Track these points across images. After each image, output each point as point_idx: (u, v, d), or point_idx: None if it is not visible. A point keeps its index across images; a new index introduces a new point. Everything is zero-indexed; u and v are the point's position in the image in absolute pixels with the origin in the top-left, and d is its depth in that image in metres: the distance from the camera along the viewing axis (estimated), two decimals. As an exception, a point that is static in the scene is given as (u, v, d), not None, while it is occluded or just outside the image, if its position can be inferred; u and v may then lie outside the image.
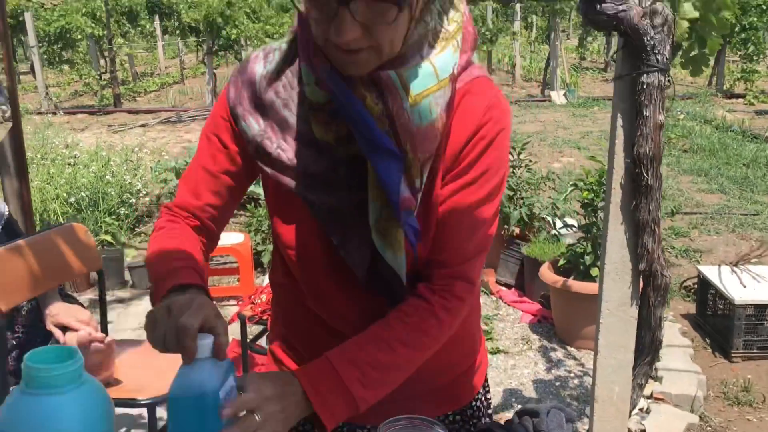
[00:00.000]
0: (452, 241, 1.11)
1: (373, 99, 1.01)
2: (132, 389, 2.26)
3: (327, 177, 1.09)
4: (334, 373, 1.02)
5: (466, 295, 1.13)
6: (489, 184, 1.11)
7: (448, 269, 1.12)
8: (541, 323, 4.22)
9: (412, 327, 1.08)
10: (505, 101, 1.13)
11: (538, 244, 4.39)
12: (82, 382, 0.94)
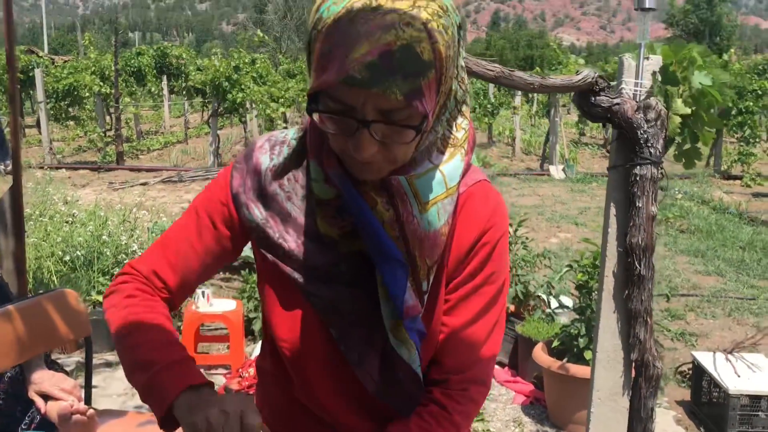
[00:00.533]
0: (463, 346, 1.13)
1: (383, 204, 1.04)
2: (111, 464, 2.21)
3: (328, 271, 1.11)
4: None
5: (481, 398, 1.16)
6: (494, 287, 1.14)
7: (462, 374, 1.14)
8: (533, 405, 4.15)
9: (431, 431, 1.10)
10: (504, 206, 1.17)
11: (533, 323, 4.36)
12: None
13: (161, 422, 1.05)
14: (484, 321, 1.14)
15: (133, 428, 2.47)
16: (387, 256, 1.04)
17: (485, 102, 16.38)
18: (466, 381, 1.14)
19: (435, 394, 1.13)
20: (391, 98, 0.93)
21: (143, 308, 1.14)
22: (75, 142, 15.58)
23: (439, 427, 1.11)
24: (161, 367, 1.06)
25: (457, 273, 1.13)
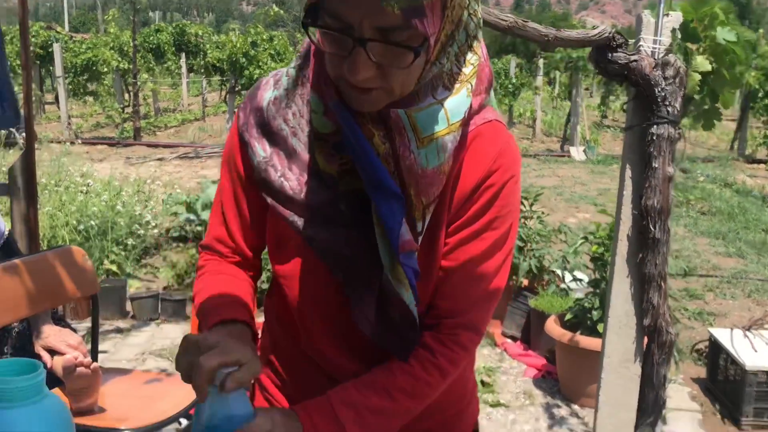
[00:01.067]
0: (459, 290, 1.09)
1: (380, 138, 0.99)
2: (115, 418, 2.20)
3: (327, 211, 1.07)
4: (332, 412, 1.02)
5: (472, 345, 1.11)
6: (497, 233, 1.08)
7: (454, 318, 1.10)
8: (545, 378, 4.10)
9: (415, 376, 1.07)
10: (515, 148, 1.11)
11: (546, 297, 4.30)
12: (42, 397, 0.90)
13: None
14: (482, 267, 1.09)
15: (139, 385, 2.46)
16: (383, 188, 0.99)
17: (506, 82, 16.20)
18: (457, 326, 1.09)
19: (425, 338, 1.09)
20: (387, 12, 0.88)
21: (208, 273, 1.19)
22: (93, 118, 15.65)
23: (423, 371, 1.07)
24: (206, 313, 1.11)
25: (458, 215, 1.08)
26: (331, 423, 1.01)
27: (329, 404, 1.02)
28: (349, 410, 1.02)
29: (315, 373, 1.19)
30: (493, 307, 1.14)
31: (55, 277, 2.43)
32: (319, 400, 1.03)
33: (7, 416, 0.86)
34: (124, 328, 4.66)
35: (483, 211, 1.07)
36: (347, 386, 1.05)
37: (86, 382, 2.19)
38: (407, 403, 1.06)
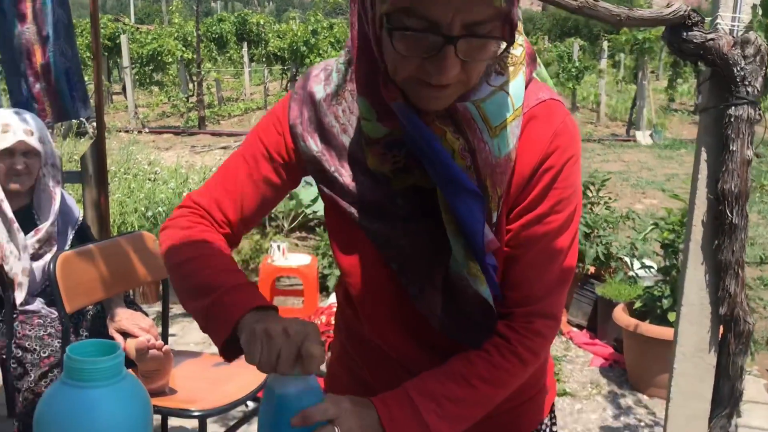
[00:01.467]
0: (528, 278, 1.06)
1: (452, 134, 0.97)
2: (185, 399, 2.25)
3: (383, 207, 1.06)
4: (410, 402, 1.00)
5: (549, 331, 1.08)
6: (561, 215, 1.05)
7: (526, 307, 1.07)
8: (612, 368, 4.02)
9: (494, 364, 1.04)
10: (573, 125, 1.07)
11: (614, 285, 4.21)
12: (121, 378, 0.92)
13: (222, 349, 1.01)
14: (549, 252, 1.06)
15: (209, 368, 2.51)
16: (460, 188, 0.96)
17: (569, 65, 15.86)
18: (531, 314, 1.06)
19: (499, 327, 1.06)
20: (478, 7, 0.87)
21: (201, 237, 1.10)
22: (159, 108, 16.02)
23: (503, 358, 1.04)
24: (226, 289, 1.02)
25: (518, 201, 1.05)
26: (409, 414, 0.98)
27: (407, 395, 1.00)
28: (428, 401, 0.99)
29: (386, 361, 1.18)
30: (566, 291, 1.10)
31: (127, 261, 2.50)
32: (396, 392, 1.01)
33: (88, 396, 0.88)
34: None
35: (544, 194, 1.04)
36: (424, 377, 1.03)
37: (158, 364, 2.24)
38: (488, 391, 1.04)
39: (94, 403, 0.88)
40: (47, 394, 0.90)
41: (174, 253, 1.10)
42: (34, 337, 2.44)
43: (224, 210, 1.14)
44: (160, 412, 2.26)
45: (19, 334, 2.47)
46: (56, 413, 0.87)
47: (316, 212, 6.24)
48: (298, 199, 6.24)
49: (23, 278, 2.54)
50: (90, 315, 2.60)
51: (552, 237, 1.05)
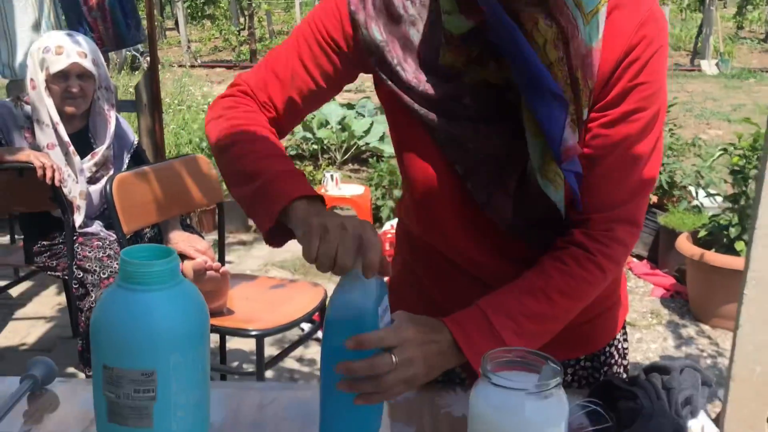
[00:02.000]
0: (609, 182, 0.98)
1: (544, 21, 0.88)
2: (243, 320, 2.26)
3: (450, 106, 0.98)
4: (487, 323, 0.93)
5: (630, 238, 1.00)
6: (646, 113, 0.96)
7: (606, 212, 0.99)
8: (673, 298, 3.92)
9: (573, 276, 0.97)
10: (660, 14, 0.97)
11: (677, 214, 4.06)
12: (177, 282, 0.89)
13: (267, 235, 0.97)
14: (633, 153, 0.97)
15: (265, 290, 2.52)
16: (542, 89, 0.89)
17: (630, -7, 15.17)
18: (612, 220, 0.98)
19: (576, 236, 0.99)
20: None
21: (247, 120, 1.04)
22: (211, 42, 15.97)
23: (582, 269, 0.98)
24: (272, 176, 0.96)
25: (600, 97, 0.96)
26: (486, 334, 0.92)
27: (483, 314, 0.94)
28: (505, 319, 0.93)
29: (453, 272, 1.12)
30: (647, 197, 1.03)
31: (182, 184, 2.49)
32: (471, 311, 0.94)
33: (143, 299, 0.85)
34: (247, 241, 4.81)
35: (629, 90, 0.95)
36: (499, 294, 0.96)
37: (215, 285, 2.25)
38: (567, 304, 0.97)
39: (149, 307, 0.85)
40: (103, 297, 0.88)
41: (220, 137, 1.04)
42: (94, 259, 2.47)
43: (271, 93, 1.07)
44: (218, 332, 2.28)
45: (80, 255, 2.51)
46: (112, 316, 0.85)
47: (368, 144, 6.18)
48: (351, 131, 6.18)
49: (81, 201, 2.57)
50: (147, 238, 2.63)
51: (636, 137, 0.96)
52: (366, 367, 0.84)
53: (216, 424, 0.99)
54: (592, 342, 1.17)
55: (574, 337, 1.10)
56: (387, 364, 0.85)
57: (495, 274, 1.04)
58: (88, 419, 0.98)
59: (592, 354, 1.18)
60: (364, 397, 0.86)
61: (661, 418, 0.91)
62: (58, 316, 3.55)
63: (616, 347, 1.21)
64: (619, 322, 1.20)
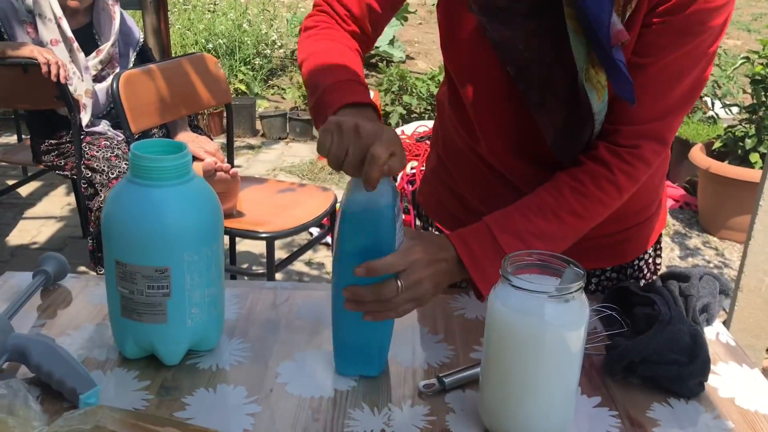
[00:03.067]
0: (649, 93, 0.92)
1: None
2: (253, 222, 2.26)
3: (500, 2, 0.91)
4: (492, 241, 0.91)
5: (654, 158, 0.95)
6: (704, 24, 0.88)
7: (637, 126, 0.93)
8: (682, 209, 3.91)
9: (587, 196, 0.93)
10: None
11: (692, 125, 3.99)
12: (189, 178, 0.86)
13: None
14: (679, 68, 0.90)
15: (274, 194, 2.51)
16: None
17: None
18: (639, 135, 0.93)
19: (600, 151, 0.94)
20: None
21: (318, 37, 1.05)
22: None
23: (598, 189, 0.93)
24: (328, 86, 0.95)
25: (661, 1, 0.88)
26: (490, 252, 0.90)
27: (489, 232, 0.91)
28: (512, 238, 0.91)
29: (484, 174, 1.10)
30: (682, 117, 0.97)
31: (190, 83, 2.44)
32: (477, 228, 0.92)
33: (157, 195, 0.83)
34: (255, 145, 4.77)
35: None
36: (508, 211, 0.93)
37: (225, 187, 2.23)
38: (577, 224, 0.94)
39: (161, 202, 0.83)
40: (113, 191, 0.86)
41: (299, 57, 1.06)
42: (102, 158, 2.45)
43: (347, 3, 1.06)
44: (228, 233, 2.28)
45: (87, 155, 2.49)
46: (124, 212, 0.83)
47: (378, 47, 6.03)
48: (361, 33, 6.02)
49: (86, 100, 2.52)
50: (157, 138, 2.59)
51: (689, 53, 0.89)
52: (372, 293, 0.83)
53: (230, 321, 0.99)
54: (621, 255, 1.14)
55: (603, 248, 1.09)
56: (393, 290, 0.83)
57: (529, 179, 1.00)
58: (102, 314, 0.98)
59: (619, 266, 1.16)
60: (372, 315, 0.85)
61: (678, 324, 0.90)
62: (68, 216, 3.57)
63: (647, 261, 1.18)
64: (653, 236, 1.17)
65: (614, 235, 1.07)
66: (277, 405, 0.82)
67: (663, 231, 1.23)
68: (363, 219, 0.83)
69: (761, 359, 2.33)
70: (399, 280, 0.84)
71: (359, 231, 0.84)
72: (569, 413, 0.79)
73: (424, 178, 1.25)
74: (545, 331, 0.73)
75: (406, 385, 0.87)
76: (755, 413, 0.85)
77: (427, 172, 1.24)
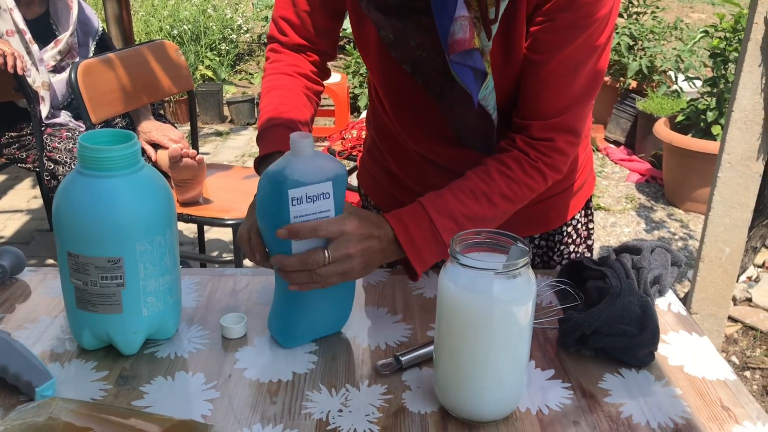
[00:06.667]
0: (549, 89, 0.94)
1: None
2: (220, 209, 2.25)
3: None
4: (429, 222, 0.93)
5: (571, 148, 0.99)
6: (591, 17, 0.89)
7: (546, 120, 0.96)
8: (648, 183, 3.96)
9: (516, 180, 0.97)
10: None
11: (656, 99, 4.04)
12: (139, 168, 0.86)
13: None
14: (576, 59, 0.92)
15: (240, 180, 2.50)
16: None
17: None
18: (550, 129, 0.96)
19: (517, 142, 0.98)
20: None
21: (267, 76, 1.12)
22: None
23: (524, 174, 0.97)
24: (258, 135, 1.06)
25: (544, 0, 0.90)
26: (426, 232, 0.92)
27: (425, 213, 0.93)
28: (446, 219, 0.93)
29: (412, 155, 1.13)
30: (590, 107, 1.00)
31: (150, 71, 2.41)
32: (413, 209, 0.93)
33: (106, 185, 0.83)
34: (223, 131, 4.74)
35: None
36: (443, 194, 0.95)
37: (191, 174, 2.22)
38: (506, 207, 0.97)
39: (110, 193, 0.82)
40: (63, 183, 0.85)
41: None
42: (64, 150, 2.42)
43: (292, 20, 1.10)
44: (195, 221, 2.27)
45: (49, 146, 2.46)
46: (73, 203, 0.82)
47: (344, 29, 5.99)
48: (327, 16, 5.98)
49: (44, 92, 2.49)
50: (119, 128, 2.57)
51: (583, 44, 0.91)
52: (297, 262, 0.84)
53: (189, 309, 0.99)
54: (545, 222, 1.18)
55: (528, 216, 1.11)
56: (319, 260, 0.84)
57: (455, 160, 1.04)
58: (60, 307, 0.98)
59: (546, 233, 1.19)
60: (298, 285, 0.86)
61: (628, 296, 0.92)
62: (34, 209, 3.53)
63: (575, 227, 1.22)
64: (578, 203, 1.20)
65: (536, 204, 1.10)
66: (236, 390, 0.83)
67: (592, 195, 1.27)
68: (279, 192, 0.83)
69: (723, 327, 2.38)
70: (327, 251, 0.85)
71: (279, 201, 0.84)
72: (521, 387, 0.80)
73: (363, 159, 1.28)
74: (493, 307, 0.75)
75: (364, 365, 0.89)
76: (702, 379, 0.88)
77: (365, 152, 1.27)
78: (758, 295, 2.86)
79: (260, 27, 6.36)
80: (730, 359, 2.45)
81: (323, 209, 0.85)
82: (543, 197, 1.10)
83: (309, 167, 0.83)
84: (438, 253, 0.93)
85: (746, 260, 2.54)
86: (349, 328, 0.96)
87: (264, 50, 6.10)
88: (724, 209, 2.28)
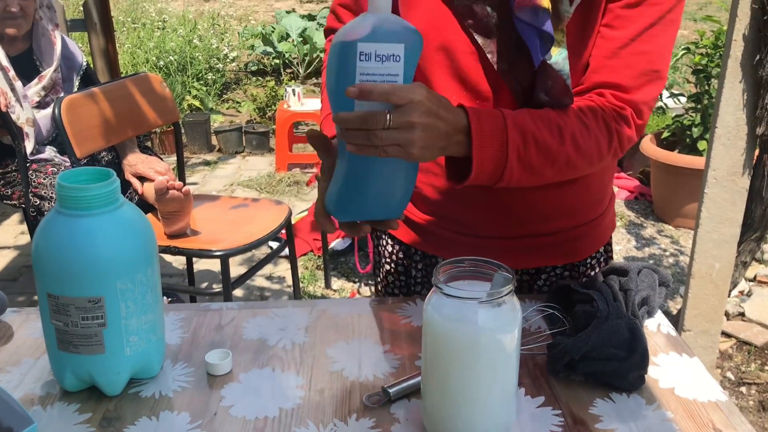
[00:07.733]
0: (623, 65, 0.95)
1: None
2: (207, 240, 2.24)
3: None
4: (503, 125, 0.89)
5: (633, 127, 0.97)
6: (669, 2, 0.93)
7: (617, 92, 0.96)
8: (638, 200, 3.97)
9: (588, 128, 0.94)
10: None
11: (640, 116, 4.06)
12: (118, 205, 0.85)
13: None
14: (655, 37, 0.94)
15: (227, 210, 2.49)
16: None
17: None
18: (623, 100, 0.96)
19: (594, 101, 0.96)
20: None
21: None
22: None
23: (597, 126, 0.94)
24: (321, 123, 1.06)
25: None
26: (497, 137, 0.88)
27: (503, 119, 0.89)
28: (518, 133, 0.89)
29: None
30: (657, 92, 0.99)
31: (135, 103, 2.41)
32: (493, 112, 0.90)
33: (85, 224, 0.82)
34: (211, 160, 4.73)
35: None
36: (521, 111, 0.92)
37: (178, 206, 2.21)
38: (572, 152, 0.93)
39: (89, 232, 0.81)
40: (42, 224, 0.84)
41: None
42: (49, 185, 2.41)
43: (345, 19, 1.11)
44: (182, 253, 2.25)
45: (35, 183, 2.44)
46: (52, 243, 0.82)
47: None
48: (312, 43, 6.01)
49: (28, 128, 2.48)
50: (104, 162, 2.56)
51: (658, 20, 0.94)
52: (358, 119, 0.79)
53: (174, 346, 0.98)
54: (573, 253, 1.15)
55: (556, 245, 1.10)
56: (380, 122, 0.78)
57: None
58: (43, 348, 0.97)
59: (571, 264, 1.16)
60: (355, 146, 0.80)
61: (616, 319, 0.92)
62: (21, 245, 3.50)
63: (598, 260, 1.19)
64: (604, 236, 1.18)
65: (568, 231, 1.09)
66: (222, 428, 0.81)
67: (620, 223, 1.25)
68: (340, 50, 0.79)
69: (717, 342, 2.38)
70: (389, 114, 0.79)
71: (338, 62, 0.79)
72: (510, 415, 0.79)
73: None
74: (479, 335, 0.74)
75: (351, 399, 0.87)
76: (694, 401, 0.87)
77: None
78: (751, 309, 2.86)
79: (246, 56, 6.39)
80: (725, 375, 2.43)
81: (392, 72, 0.79)
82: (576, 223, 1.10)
83: (383, 24, 0.78)
84: (495, 162, 0.89)
85: (737, 275, 2.54)
86: (336, 360, 0.95)
87: (250, 78, 6.14)
88: (713, 225, 2.29)
